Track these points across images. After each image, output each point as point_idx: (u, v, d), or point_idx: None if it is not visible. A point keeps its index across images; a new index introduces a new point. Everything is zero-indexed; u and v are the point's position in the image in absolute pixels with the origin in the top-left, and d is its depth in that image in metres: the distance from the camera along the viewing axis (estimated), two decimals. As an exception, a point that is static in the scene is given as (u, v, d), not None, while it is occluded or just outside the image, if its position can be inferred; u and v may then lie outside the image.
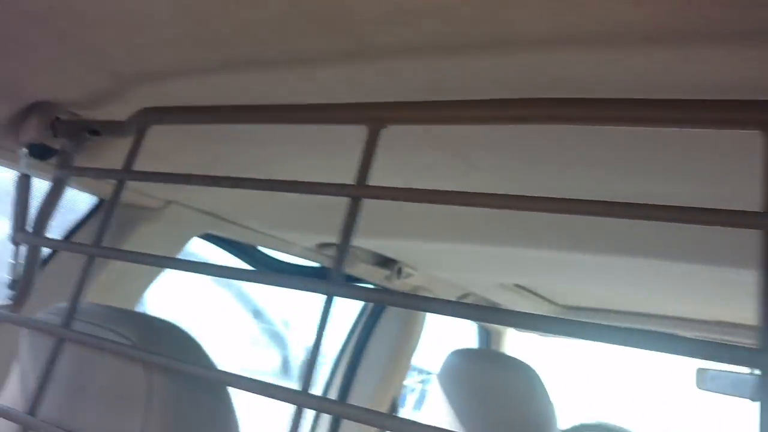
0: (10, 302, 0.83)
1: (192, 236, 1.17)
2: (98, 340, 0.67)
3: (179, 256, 1.17)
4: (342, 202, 0.54)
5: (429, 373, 2.59)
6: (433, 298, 0.49)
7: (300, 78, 0.68)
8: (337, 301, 0.55)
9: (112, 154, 0.89)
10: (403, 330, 1.84)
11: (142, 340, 0.70)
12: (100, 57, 0.70)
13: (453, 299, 1.86)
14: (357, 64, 0.61)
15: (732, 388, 2.17)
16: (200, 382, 0.71)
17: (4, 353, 1.04)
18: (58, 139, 0.86)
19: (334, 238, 1.40)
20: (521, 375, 1.53)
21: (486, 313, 0.50)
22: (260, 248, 1.47)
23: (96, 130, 0.80)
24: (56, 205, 0.84)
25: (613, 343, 0.41)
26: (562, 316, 2.06)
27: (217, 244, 1.36)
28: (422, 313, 1.89)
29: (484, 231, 1.18)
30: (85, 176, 0.89)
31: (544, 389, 1.52)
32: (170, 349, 0.71)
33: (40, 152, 0.86)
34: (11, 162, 0.90)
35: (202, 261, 0.68)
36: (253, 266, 1.45)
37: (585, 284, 1.73)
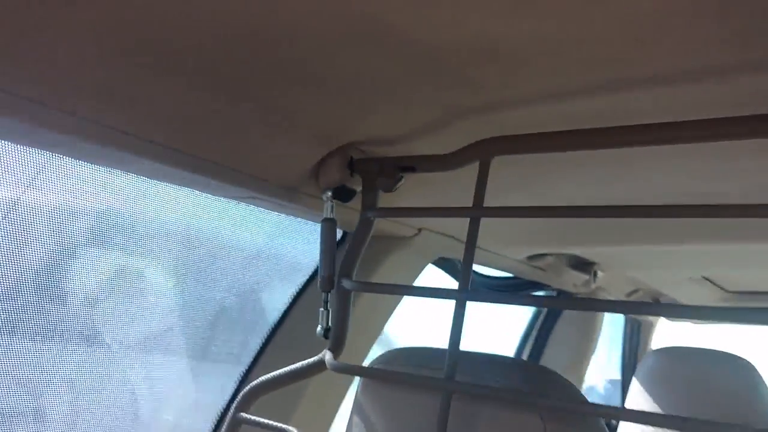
0: (329, 351, 0.81)
1: (431, 260, 1.15)
2: (490, 390, 0.64)
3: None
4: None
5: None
6: (590, 299, 0.47)
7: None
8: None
9: (409, 191, 0.86)
10: (582, 332, 1.80)
11: (530, 386, 0.67)
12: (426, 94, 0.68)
13: (623, 296, 1.83)
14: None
15: None
16: (585, 425, 0.67)
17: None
18: (356, 179, 0.83)
19: (543, 250, 1.37)
20: (734, 369, 1.46)
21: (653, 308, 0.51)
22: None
23: (411, 166, 0.77)
24: (363, 247, 0.82)
25: None
26: (732, 302, 2.01)
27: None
28: (599, 314, 1.87)
29: (671, 230, 1.18)
30: (402, 216, 0.85)
31: (763, 383, 1.45)
32: (555, 393, 0.68)
33: (342, 195, 0.83)
34: (313, 209, 0.88)
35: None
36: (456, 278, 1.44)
37: (753, 269, 1.69)
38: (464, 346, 0.65)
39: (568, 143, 0.66)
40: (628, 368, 2.44)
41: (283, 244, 1.10)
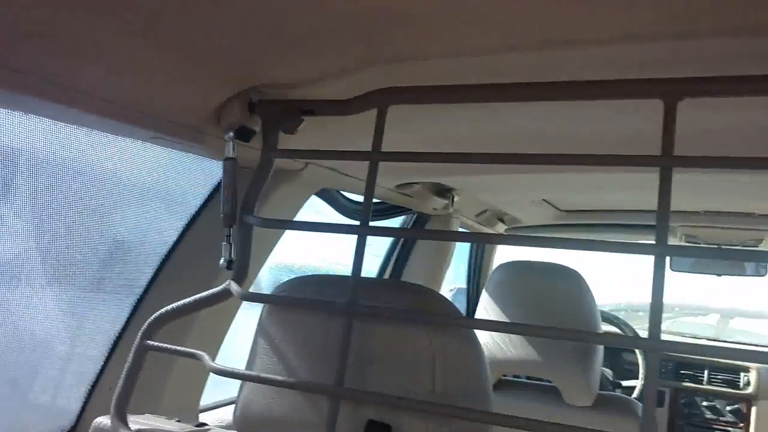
0: (233, 281, 0.87)
1: (314, 192, 1.22)
2: (388, 312, 0.75)
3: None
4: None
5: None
6: (451, 232, 0.64)
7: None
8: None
9: (311, 133, 0.91)
10: (438, 250, 1.97)
11: (418, 306, 0.78)
12: (325, 41, 0.74)
13: (473, 216, 2.01)
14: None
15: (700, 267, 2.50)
16: (458, 333, 0.80)
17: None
18: (257, 120, 0.88)
19: (411, 179, 1.48)
20: (566, 280, 1.66)
21: (491, 238, 0.69)
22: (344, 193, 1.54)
23: (311, 110, 0.83)
24: (264, 185, 0.87)
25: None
26: (565, 220, 2.28)
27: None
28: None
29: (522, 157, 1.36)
30: (305, 158, 0.91)
31: (589, 291, 1.69)
32: (439, 311, 0.80)
33: (243, 135, 0.88)
34: (215, 148, 0.91)
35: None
36: (337, 209, 1.52)
37: (583, 192, 1.93)
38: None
39: (458, 96, 0.76)
40: (473, 279, 2.70)
41: (174, 181, 1.12)
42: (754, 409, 2.54)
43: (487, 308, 1.68)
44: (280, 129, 0.85)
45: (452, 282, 2.77)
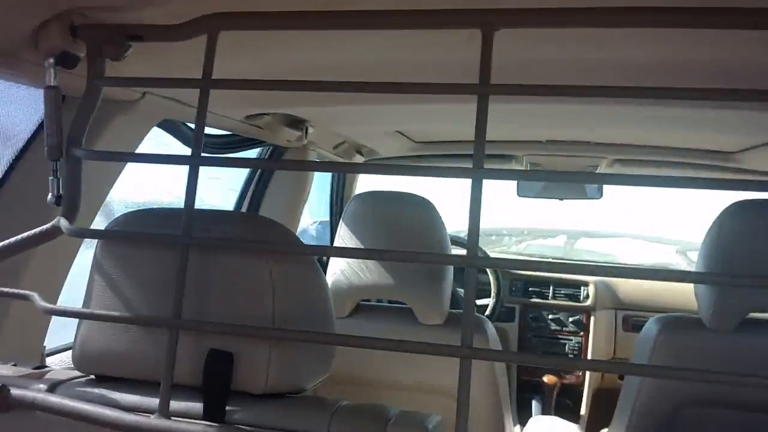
0: (63, 217, 0.83)
1: (155, 123, 1.16)
2: (223, 242, 0.75)
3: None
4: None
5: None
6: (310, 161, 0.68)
7: None
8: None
9: (140, 60, 0.87)
10: (296, 182, 1.97)
11: (257, 235, 0.79)
12: None
13: (331, 148, 2.03)
14: None
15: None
16: (298, 261, 0.82)
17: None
18: (81, 45, 0.82)
19: (261, 110, 1.46)
20: (417, 208, 1.71)
21: (349, 167, 0.73)
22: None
23: (137, 35, 0.79)
24: (91, 115, 0.83)
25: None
26: (419, 151, 2.34)
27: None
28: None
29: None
30: (133, 86, 0.85)
31: (439, 217, 1.76)
32: (278, 239, 0.81)
33: (66, 61, 0.82)
34: (35, 76, 0.84)
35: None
36: (183, 142, 1.46)
37: (436, 123, 2.00)
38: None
39: (290, 23, 0.75)
40: (336, 211, 2.73)
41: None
42: (592, 319, 2.81)
43: (344, 237, 1.71)
44: (106, 55, 0.80)
45: (316, 215, 2.79)
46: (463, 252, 0.63)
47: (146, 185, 1.77)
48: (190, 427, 0.69)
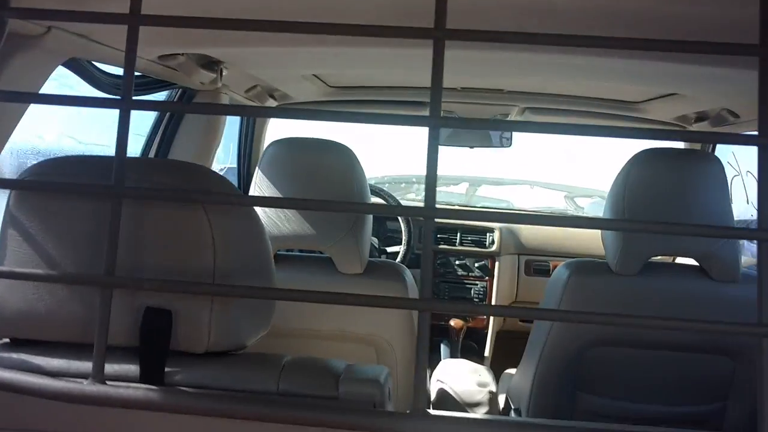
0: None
1: (62, 61, 1.06)
2: (159, 193, 0.70)
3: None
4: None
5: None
6: (225, 105, 0.67)
7: None
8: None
9: None
10: (206, 128, 1.88)
11: (190, 185, 0.74)
12: None
13: (243, 91, 1.95)
14: None
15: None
16: (235, 209, 0.78)
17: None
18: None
19: (174, 50, 1.36)
20: (337, 155, 1.69)
21: (260, 111, 0.72)
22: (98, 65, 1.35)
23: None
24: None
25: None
26: (333, 96, 2.29)
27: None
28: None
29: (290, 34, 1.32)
30: (46, 19, 0.75)
31: (360, 165, 1.74)
32: (210, 186, 0.76)
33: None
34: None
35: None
36: (90, 82, 1.34)
37: (352, 68, 1.96)
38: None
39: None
40: (244, 158, 2.65)
41: None
42: (496, 264, 2.91)
43: (260, 186, 1.66)
44: None
45: (224, 162, 2.70)
46: (380, 201, 0.61)
47: (46, 129, 1.63)
48: (129, 392, 0.65)
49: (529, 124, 0.68)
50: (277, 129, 2.76)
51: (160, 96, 1.75)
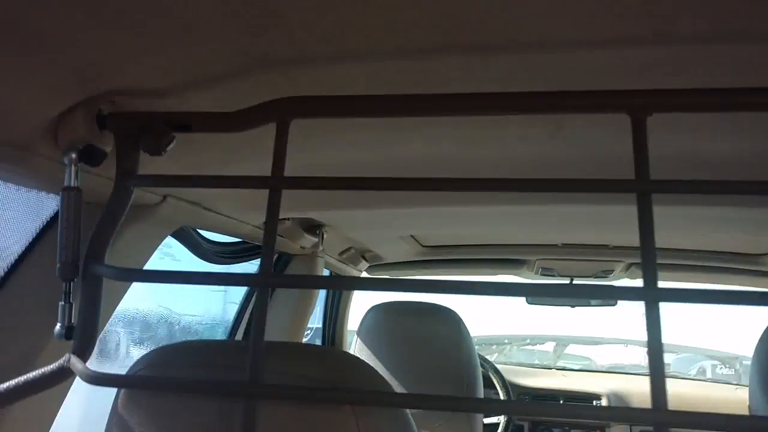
0: (74, 354, 0.64)
1: (174, 229, 0.99)
2: (300, 391, 0.57)
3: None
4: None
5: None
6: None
7: None
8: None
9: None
10: (301, 295, 1.79)
11: (339, 377, 0.61)
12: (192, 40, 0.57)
13: (336, 254, 1.87)
14: None
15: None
16: (386, 411, 0.64)
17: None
18: (107, 138, 0.67)
19: (282, 215, 1.30)
20: (444, 322, 1.59)
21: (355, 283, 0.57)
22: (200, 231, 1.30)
23: (185, 124, 0.64)
24: (118, 224, 0.66)
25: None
26: (426, 256, 2.20)
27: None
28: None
29: (390, 196, 1.23)
30: (180, 186, 0.68)
31: (467, 332, 1.61)
32: (362, 382, 0.63)
33: (90, 157, 0.66)
34: (49, 174, 0.68)
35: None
36: (192, 250, 1.28)
37: (447, 228, 1.87)
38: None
39: (374, 108, 0.61)
40: (331, 319, 2.53)
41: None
42: (607, 437, 2.60)
43: (361, 354, 1.54)
44: (141, 149, 0.64)
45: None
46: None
47: (138, 297, 1.56)
48: None
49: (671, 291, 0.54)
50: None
51: (253, 265, 1.68)
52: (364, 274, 2.53)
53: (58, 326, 0.65)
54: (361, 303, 2.49)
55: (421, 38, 0.59)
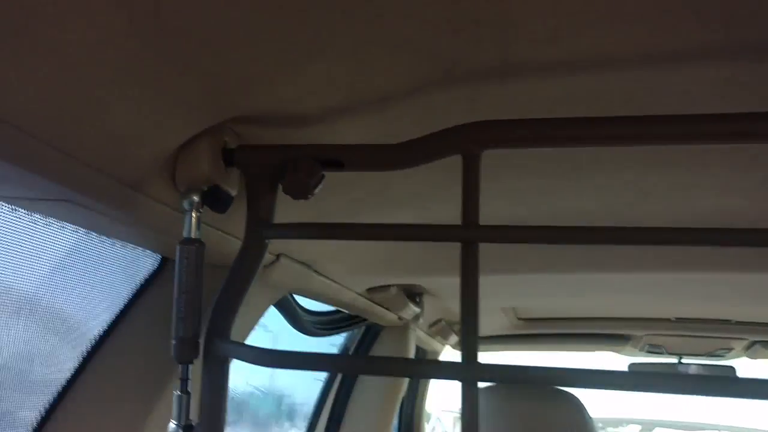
0: None
1: (283, 294, 0.85)
2: None
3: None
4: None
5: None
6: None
7: None
8: None
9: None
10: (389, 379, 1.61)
11: None
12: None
13: (426, 327, 1.69)
14: None
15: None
16: None
17: None
18: (233, 177, 0.53)
19: (385, 280, 1.15)
20: (564, 404, 1.40)
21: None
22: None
23: (336, 160, 0.49)
24: (248, 287, 0.51)
25: None
26: (521, 329, 2.01)
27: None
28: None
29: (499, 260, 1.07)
30: (333, 237, 0.52)
31: (591, 419, 1.41)
32: None
33: (214, 201, 0.52)
34: (160, 222, 0.54)
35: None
36: (289, 320, 1.12)
37: (545, 298, 1.70)
38: None
39: (589, 133, 0.46)
40: (409, 399, 2.34)
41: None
42: None
43: None
44: (285, 191, 0.50)
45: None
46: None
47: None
48: None
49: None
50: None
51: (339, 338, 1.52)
52: (448, 349, 2.33)
53: (172, 426, 0.49)
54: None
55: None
